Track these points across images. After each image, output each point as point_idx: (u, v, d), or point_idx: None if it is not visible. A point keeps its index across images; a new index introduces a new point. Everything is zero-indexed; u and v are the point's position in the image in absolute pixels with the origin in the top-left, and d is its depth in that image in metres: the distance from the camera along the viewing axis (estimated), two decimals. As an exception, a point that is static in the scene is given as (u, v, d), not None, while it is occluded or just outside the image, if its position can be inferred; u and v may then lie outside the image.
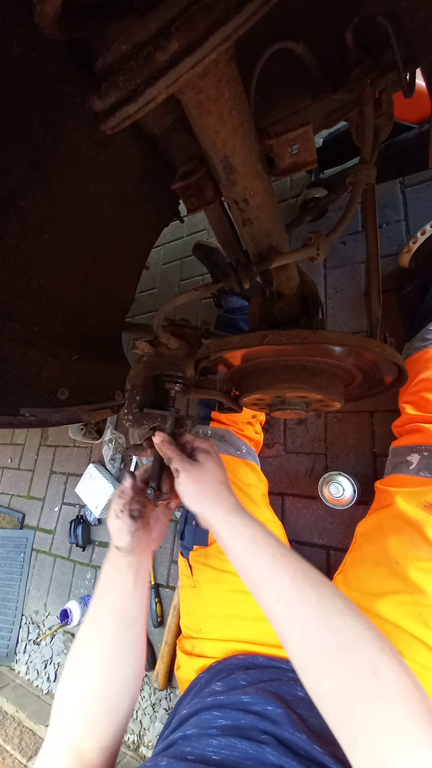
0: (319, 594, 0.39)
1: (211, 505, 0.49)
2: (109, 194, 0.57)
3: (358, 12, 0.41)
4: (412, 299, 0.90)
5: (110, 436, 1.41)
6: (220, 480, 0.52)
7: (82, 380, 0.63)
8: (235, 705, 0.50)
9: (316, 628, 0.36)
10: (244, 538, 0.45)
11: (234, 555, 0.45)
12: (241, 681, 0.58)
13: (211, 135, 0.35)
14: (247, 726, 0.46)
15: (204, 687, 0.61)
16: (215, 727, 0.47)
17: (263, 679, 0.57)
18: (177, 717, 0.56)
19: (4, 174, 0.42)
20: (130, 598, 0.54)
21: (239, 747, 0.42)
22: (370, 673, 0.32)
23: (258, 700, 0.50)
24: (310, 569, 0.41)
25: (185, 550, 0.83)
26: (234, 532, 0.46)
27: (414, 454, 0.70)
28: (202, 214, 0.69)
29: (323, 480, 0.92)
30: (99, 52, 0.28)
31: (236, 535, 0.46)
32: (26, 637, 1.50)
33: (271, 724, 0.45)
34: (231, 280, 0.50)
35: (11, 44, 0.36)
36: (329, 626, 0.36)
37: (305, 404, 0.59)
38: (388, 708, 0.30)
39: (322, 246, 0.46)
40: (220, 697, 0.54)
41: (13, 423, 0.54)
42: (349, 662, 0.33)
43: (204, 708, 0.52)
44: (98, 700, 0.48)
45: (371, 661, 0.33)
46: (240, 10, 0.24)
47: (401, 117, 0.88)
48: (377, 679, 0.32)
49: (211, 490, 0.50)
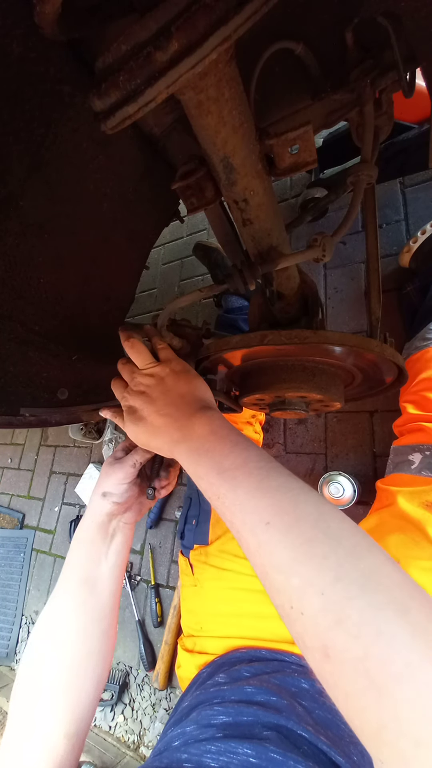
0: (321, 511, 0.30)
1: (182, 430, 0.40)
2: (109, 194, 0.57)
3: (358, 12, 0.41)
4: (412, 299, 0.90)
5: (110, 436, 1.41)
6: (194, 394, 0.43)
7: (82, 380, 0.63)
8: (237, 697, 0.49)
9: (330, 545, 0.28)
10: (233, 457, 0.36)
11: (212, 482, 0.36)
12: (245, 672, 0.57)
13: (211, 135, 0.35)
14: (249, 723, 0.44)
15: (207, 679, 0.61)
16: (215, 726, 0.44)
17: (267, 671, 0.57)
18: (179, 710, 0.55)
19: (4, 174, 0.42)
20: (103, 568, 0.48)
21: (240, 752, 0.39)
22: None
23: (261, 691, 0.48)
24: (308, 488, 0.34)
25: (186, 549, 0.83)
26: (218, 457, 0.36)
27: (416, 453, 0.71)
28: (202, 214, 0.69)
29: (323, 480, 0.92)
30: (99, 52, 0.28)
31: (224, 456, 0.36)
32: (26, 637, 1.50)
33: (275, 714, 0.44)
34: (236, 281, 0.50)
35: (11, 44, 0.36)
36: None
37: (305, 404, 0.59)
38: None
39: (327, 247, 0.46)
40: (223, 688, 0.52)
41: (13, 423, 0.54)
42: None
43: (206, 700, 0.51)
44: (62, 689, 0.43)
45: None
46: (240, 10, 0.24)
47: (401, 117, 0.88)
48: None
49: (179, 412, 0.41)
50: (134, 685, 1.16)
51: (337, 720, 0.46)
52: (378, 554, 0.26)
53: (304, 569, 0.25)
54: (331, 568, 0.25)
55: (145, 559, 1.24)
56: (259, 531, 0.29)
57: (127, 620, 1.22)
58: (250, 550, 0.30)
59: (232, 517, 0.32)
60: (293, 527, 0.28)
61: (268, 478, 0.32)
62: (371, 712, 0.20)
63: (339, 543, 0.26)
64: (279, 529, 0.28)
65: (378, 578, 0.24)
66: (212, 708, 0.47)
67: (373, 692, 0.20)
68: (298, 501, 0.30)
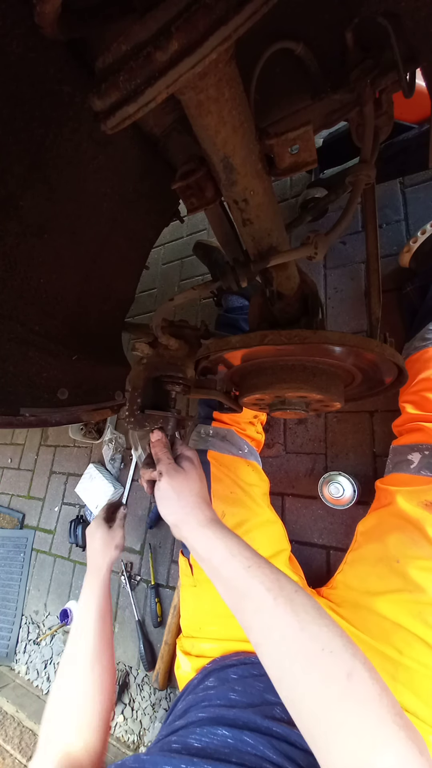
0: (294, 603, 0.39)
1: (186, 516, 0.49)
2: (109, 194, 0.57)
3: (358, 12, 0.41)
4: (412, 299, 0.90)
5: (110, 436, 1.41)
6: (198, 493, 0.52)
7: (82, 380, 0.63)
8: (222, 701, 0.52)
9: (294, 636, 0.37)
10: (219, 551, 0.45)
11: (211, 567, 0.46)
12: (232, 674, 0.59)
13: (211, 135, 0.35)
14: (231, 717, 0.48)
15: (197, 684, 0.63)
16: (201, 718, 0.49)
17: (254, 673, 0.58)
18: (174, 712, 0.58)
19: (4, 174, 0.42)
20: (109, 615, 0.64)
21: (219, 733, 0.44)
22: (345, 676, 0.33)
23: (245, 695, 0.52)
24: (285, 579, 0.42)
25: (186, 549, 0.83)
26: (208, 545, 0.47)
27: (415, 453, 0.71)
28: (202, 214, 0.69)
29: (323, 480, 0.92)
30: (99, 52, 0.28)
31: (211, 548, 0.46)
32: (26, 637, 1.50)
33: (252, 714, 0.47)
34: (229, 278, 0.50)
35: (11, 44, 0.36)
36: (306, 634, 0.37)
37: (305, 404, 0.59)
38: (361, 710, 0.31)
39: (320, 245, 0.46)
40: (210, 692, 0.55)
41: (13, 423, 0.54)
42: (326, 667, 0.34)
43: (196, 703, 0.54)
44: (86, 708, 0.54)
45: (346, 666, 0.34)
46: (240, 10, 0.24)
47: (401, 117, 0.88)
48: (351, 682, 0.33)
49: (188, 501, 0.50)
50: (134, 685, 1.16)
51: None
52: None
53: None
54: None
55: (145, 559, 1.24)
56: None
57: (127, 620, 1.22)
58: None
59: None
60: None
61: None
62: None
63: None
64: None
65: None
66: (200, 709, 0.52)
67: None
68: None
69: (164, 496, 0.51)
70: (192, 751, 0.42)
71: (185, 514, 0.49)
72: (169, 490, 0.50)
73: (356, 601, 0.64)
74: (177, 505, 0.50)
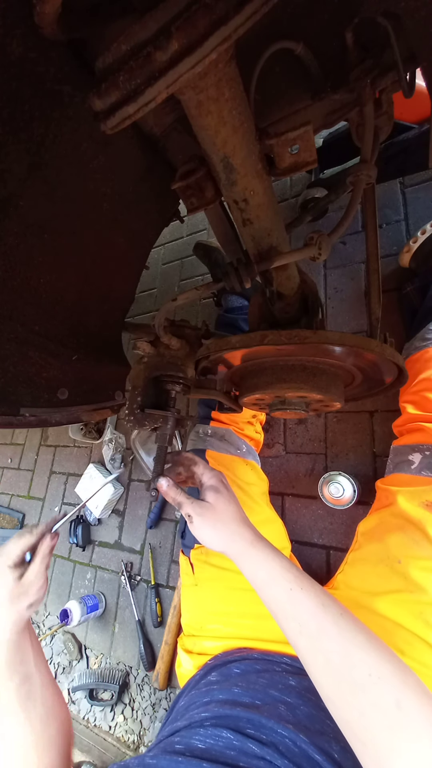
0: (339, 627, 0.39)
1: (230, 543, 0.49)
2: (109, 194, 0.57)
3: (358, 12, 0.41)
4: (412, 299, 0.90)
5: (110, 436, 1.41)
6: (234, 517, 0.51)
7: (82, 380, 0.63)
8: (225, 697, 0.52)
9: (339, 663, 0.37)
10: (263, 572, 0.46)
11: (256, 587, 0.46)
12: (235, 669, 0.59)
13: (211, 135, 0.35)
14: (234, 717, 0.47)
15: (200, 680, 0.63)
16: (204, 718, 0.49)
17: (257, 669, 0.58)
18: (176, 710, 0.58)
19: (4, 174, 0.42)
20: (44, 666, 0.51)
21: (224, 736, 0.44)
22: (394, 706, 0.33)
23: (247, 693, 0.51)
24: (330, 601, 0.42)
25: (186, 548, 0.83)
26: (254, 567, 0.47)
27: (415, 453, 0.71)
28: (202, 214, 0.69)
29: (323, 480, 0.92)
30: (99, 52, 0.28)
31: (256, 569, 0.47)
32: (26, 637, 1.50)
33: (256, 715, 0.47)
34: (232, 279, 0.50)
35: (11, 44, 0.36)
36: (351, 661, 0.36)
37: (305, 404, 0.59)
38: (413, 739, 0.31)
39: (323, 245, 0.46)
40: (213, 688, 0.55)
41: (13, 423, 0.54)
42: (372, 697, 0.34)
43: (198, 700, 0.54)
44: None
45: (394, 695, 0.33)
46: (240, 10, 0.24)
47: (401, 117, 0.88)
48: (401, 712, 0.32)
49: (227, 529, 0.50)
50: (134, 685, 1.16)
51: (321, 716, 0.48)
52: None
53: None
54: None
55: (145, 559, 1.24)
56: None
57: (127, 620, 1.22)
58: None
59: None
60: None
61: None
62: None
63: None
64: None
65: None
66: (203, 707, 0.51)
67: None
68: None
69: (201, 535, 0.50)
70: (196, 752, 0.42)
71: (225, 545, 0.49)
72: (204, 528, 0.50)
73: (357, 601, 0.64)
74: (216, 538, 0.50)
